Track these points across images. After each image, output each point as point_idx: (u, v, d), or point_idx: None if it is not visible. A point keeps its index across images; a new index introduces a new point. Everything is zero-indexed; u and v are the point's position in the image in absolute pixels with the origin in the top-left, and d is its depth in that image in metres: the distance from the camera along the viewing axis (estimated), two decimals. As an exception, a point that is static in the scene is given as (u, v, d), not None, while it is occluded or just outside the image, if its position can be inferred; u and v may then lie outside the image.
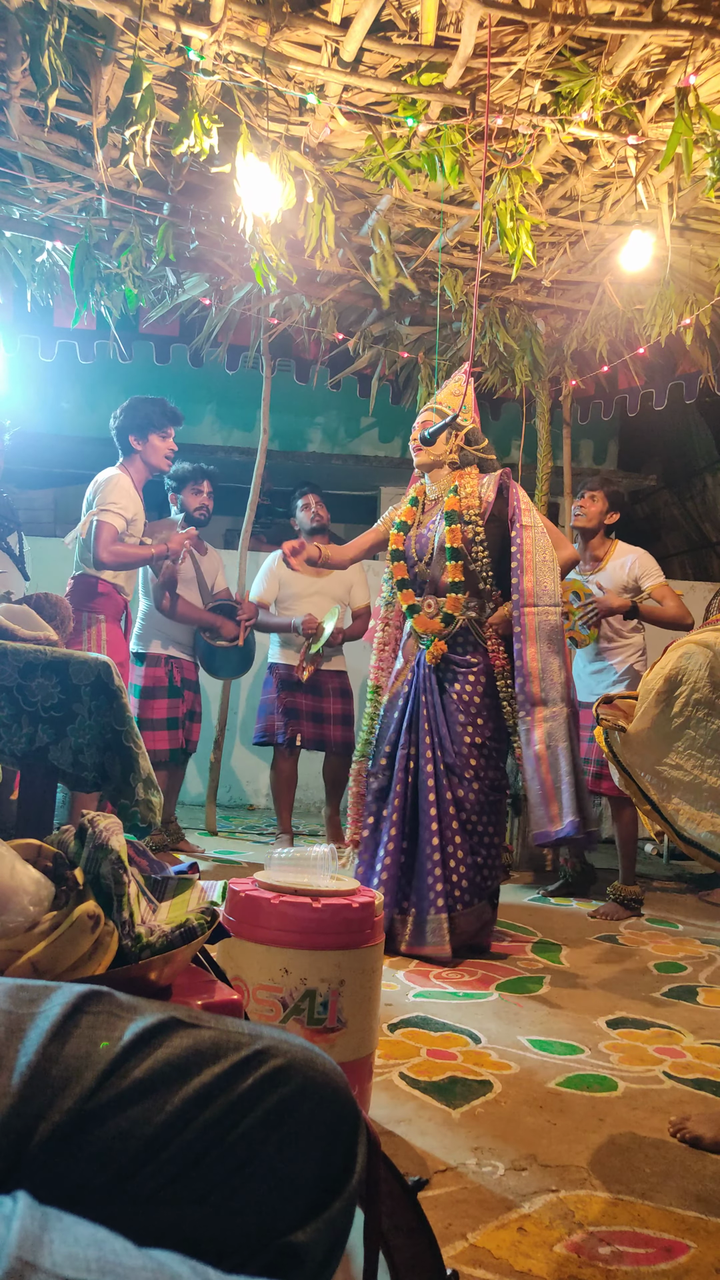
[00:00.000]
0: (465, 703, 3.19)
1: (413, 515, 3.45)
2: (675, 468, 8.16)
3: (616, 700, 2.04)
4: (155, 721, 4.23)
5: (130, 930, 0.97)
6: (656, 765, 1.88)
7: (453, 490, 3.30)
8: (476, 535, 3.23)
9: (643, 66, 2.93)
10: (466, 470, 3.35)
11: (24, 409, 6.57)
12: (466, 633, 3.26)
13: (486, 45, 2.82)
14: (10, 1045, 0.66)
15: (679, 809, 1.85)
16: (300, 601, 4.64)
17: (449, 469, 3.37)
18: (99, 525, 3.69)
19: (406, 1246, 0.88)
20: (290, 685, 4.60)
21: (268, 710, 4.60)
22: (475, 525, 3.23)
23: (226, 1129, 0.66)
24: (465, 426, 3.36)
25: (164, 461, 3.98)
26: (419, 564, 3.35)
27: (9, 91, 3.25)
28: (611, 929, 3.61)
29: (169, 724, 4.27)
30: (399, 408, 5.90)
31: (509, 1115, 1.89)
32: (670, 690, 1.86)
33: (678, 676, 1.85)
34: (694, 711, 1.84)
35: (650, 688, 1.90)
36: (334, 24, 2.82)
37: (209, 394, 7.44)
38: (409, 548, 3.39)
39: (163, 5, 2.78)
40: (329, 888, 1.72)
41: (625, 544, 4.16)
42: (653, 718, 1.89)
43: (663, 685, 1.87)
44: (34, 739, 2.06)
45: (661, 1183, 1.65)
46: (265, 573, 4.73)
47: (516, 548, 3.16)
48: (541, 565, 3.14)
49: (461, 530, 3.23)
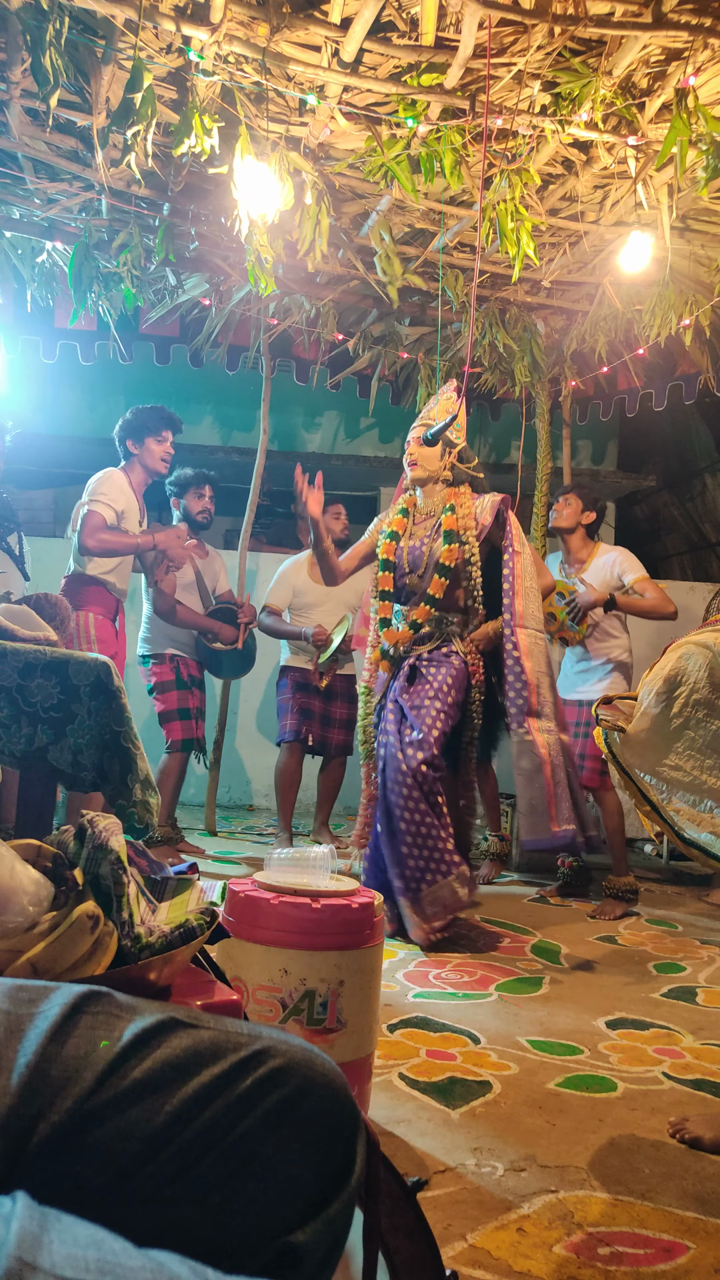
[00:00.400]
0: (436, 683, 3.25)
1: (403, 526, 3.51)
2: (675, 468, 8.16)
3: (616, 701, 2.04)
4: (168, 713, 4.34)
5: (130, 930, 0.97)
6: (656, 766, 1.88)
7: (449, 509, 3.37)
8: (471, 556, 3.33)
9: (642, 67, 2.93)
10: (460, 489, 3.43)
11: (24, 409, 6.56)
12: (448, 640, 3.33)
13: (486, 46, 2.82)
14: (9, 1045, 0.66)
15: (679, 810, 1.85)
16: (314, 609, 4.69)
17: (442, 485, 3.45)
18: (87, 514, 3.75)
19: (406, 1247, 0.88)
20: (304, 687, 4.67)
21: (285, 710, 4.68)
22: (470, 546, 3.33)
23: (226, 1129, 0.66)
24: (458, 445, 3.44)
25: (160, 464, 4.01)
26: (409, 575, 3.42)
27: (9, 92, 3.25)
28: (611, 929, 3.61)
29: (180, 714, 4.35)
30: (399, 408, 5.90)
31: (508, 1116, 1.89)
32: (670, 691, 1.86)
33: (677, 677, 1.85)
34: (693, 712, 1.84)
35: (649, 688, 1.90)
36: (334, 25, 2.82)
37: (209, 394, 7.43)
38: (400, 558, 3.45)
39: (163, 6, 2.78)
40: (328, 888, 1.72)
41: (606, 545, 4.28)
42: (652, 718, 1.89)
43: (662, 686, 1.87)
44: (33, 739, 2.06)
45: (661, 1184, 1.65)
46: (279, 580, 4.77)
47: (509, 571, 3.28)
48: (530, 591, 3.27)
49: (458, 550, 3.32)
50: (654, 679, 1.90)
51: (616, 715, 1.99)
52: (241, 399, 7.19)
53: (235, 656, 4.52)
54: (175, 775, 4.35)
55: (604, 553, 4.19)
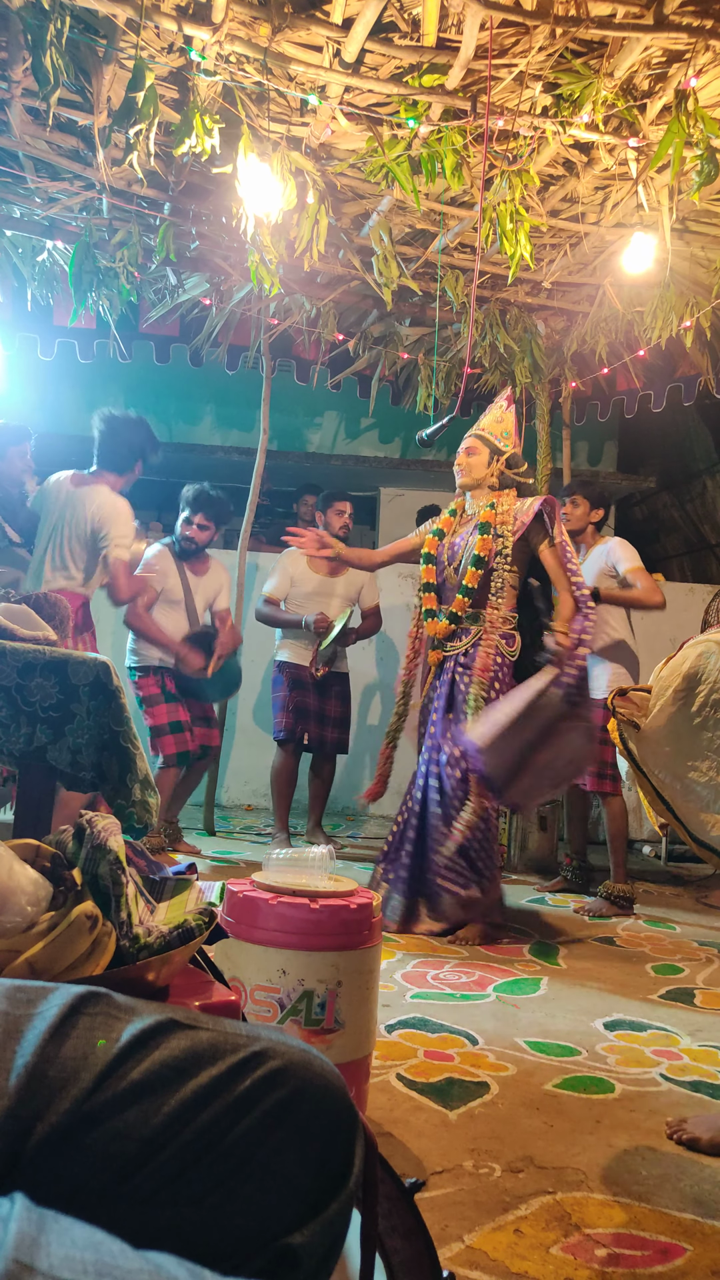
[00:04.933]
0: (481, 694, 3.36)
1: (450, 525, 3.69)
2: (674, 470, 8.16)
3: (630, 693, 2.02)
4: (159, 728, 4.30)
5: (128, 931, 0.97)
6: (673, 765, 1.86)
7: (489, 506, 3.53)
8: (504, 549, 3.45)
9: (644, 69, 2.93)
10: (505, 491, 3.58)
11: (23, 407, 6.56)
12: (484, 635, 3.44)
13: (488, 47, 2.82)
14: (7, 1046, 0.66)
15: (694, 811, 1.84)
16: (312, 600, 4.65)
17: (489, 490, 3.60)
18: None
19: (403, 1248, 0.87)
20: (300, 684, 4.62)
21: (280, 708, 4.64)
22: (505, 539, 3.45)
23: (224, 1130, 0.66)
24: (506, 451, 3.59)
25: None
26: (448, 569, 3.58)
27: (10, 90, 3.25)
28: (609, 931, 3.61)
29: (172, 728, 4.31)
30: (399, 409, 5.90)
31: (506, 1117, 1.89)
32: (689, 689, 1.83)
33: (697, 675, 1.83)
34: (713, 712, 1.81)
35: (667, 685, 1.87)
36: (335, 25, 2.82)
37: (209, 394, 7.44)
38: (440, 553, 3.64)
39: (164, 5, 2.78)
40: (327, 888, 1.72)
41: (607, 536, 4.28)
42: (669, 715, 1.86)
43: (681, 684, 1.84)
44: (32, 739, 2.06)
45: (658, 1185, 1.65)
46: (279, 569, 4.73)
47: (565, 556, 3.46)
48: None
49: (491, 542, 3.46)
50: (671, 675, 1.88)
51: (631, 708, 1.97)
52: (241, 399, 7.20)
53: (216, 681, 4.41)
54: (170, 787, 4.33)
55: (602, 542, 4.20)
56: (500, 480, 3.59)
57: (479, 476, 3.58)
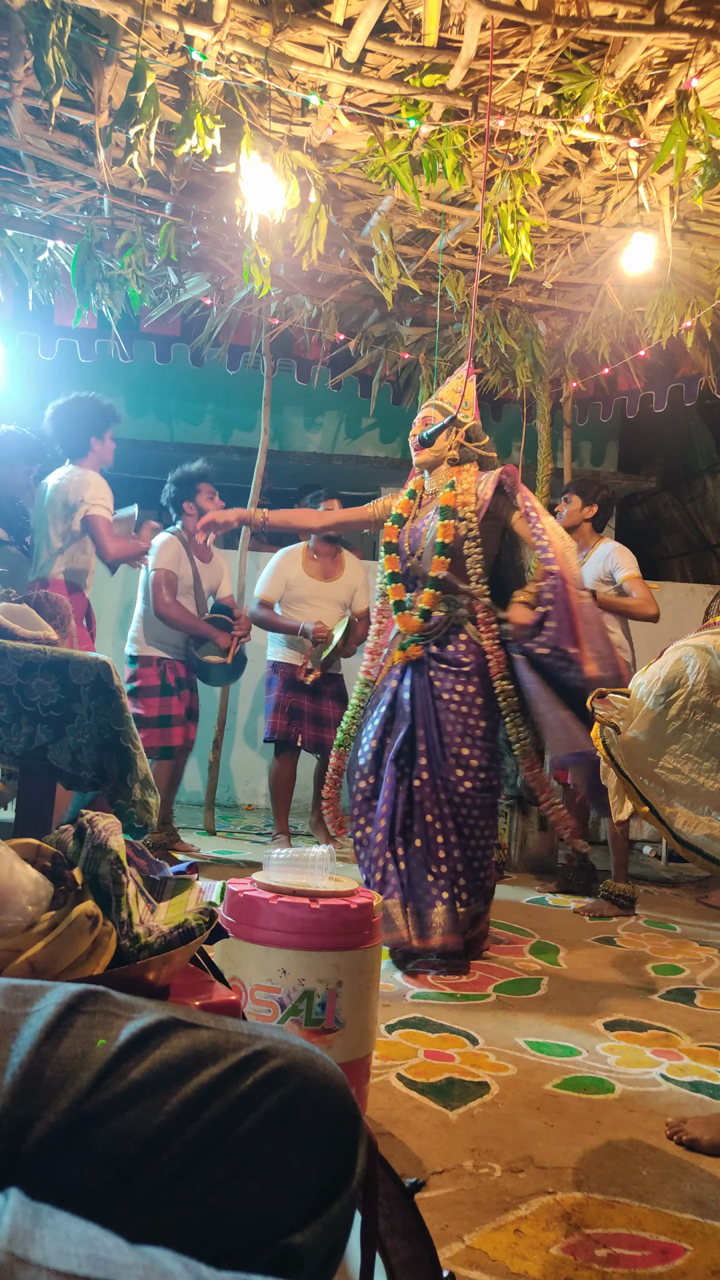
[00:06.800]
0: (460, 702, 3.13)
1: (409, 509, 3.39)
2: (675, 470, 8.16)
3: (610, 696, 2.04)
4: (145, 719, 4.26)
5: (129, 930, 0.97)
6: (654, 768, 1.88)
7: (449, 486, 3.23)
8: (470, 532, 3.16)
9: (645, 69, 2.93)
10: (466, 467, 3.28)
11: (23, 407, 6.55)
12: (458, 629, 3.18)
13: (489, 47, 2.82)
14: (2, 1045, 0.66)
15: (676, 812, 1.85)
16: (306, 603, 4.63)
17: (448, 465, 3.30)
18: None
19: (403, 1248, 0.87)
20: (294, 685, 4.61)
21: (273, 709, 4.62)
22: (470, 522, 3.16)
23: (226, 1130, 0.65)
24: (466, 423, 3.30)
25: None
26: (410, 558, 3.29)
27: (12, 90, 3.25)
28: (609, 931, 3.61)
29: (159, 721, 4.30)
30: (399, 408, 5.90)
31: (506, 1117, 1.89)
32: (668, 693, 1.86)
33: (675, 680, 1.85)
34: (691, 714, 1.84)
35: (648, 689, 1.90)
36: (337, 25, 2.82)
37: (209, 394, 7.43)
38: (402, 541, 3.33)
39: (166, 5, 2.78)
40: (327, 888, 1.72)
41: (609, 539, 4.25)
42: (650, 719, 1.88)
43: (660, 688, 1.87)
44: (33, 738, 2.06)
45: (658, 1185, 1.65)
46: (273, 570, 4.69)
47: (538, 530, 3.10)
48: (569, 551, 3.13)
49: (455, 526, 3.17)
50: (651, 679, 1.90)
51: (611, 711, 1.98)
52: (242, 398, 7.19)
53: (224, 665, 4.45)
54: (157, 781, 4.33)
55: (602, 545, 4.17)
56: (461, 454, 3.28)
57: (438, 450, 3.27)
